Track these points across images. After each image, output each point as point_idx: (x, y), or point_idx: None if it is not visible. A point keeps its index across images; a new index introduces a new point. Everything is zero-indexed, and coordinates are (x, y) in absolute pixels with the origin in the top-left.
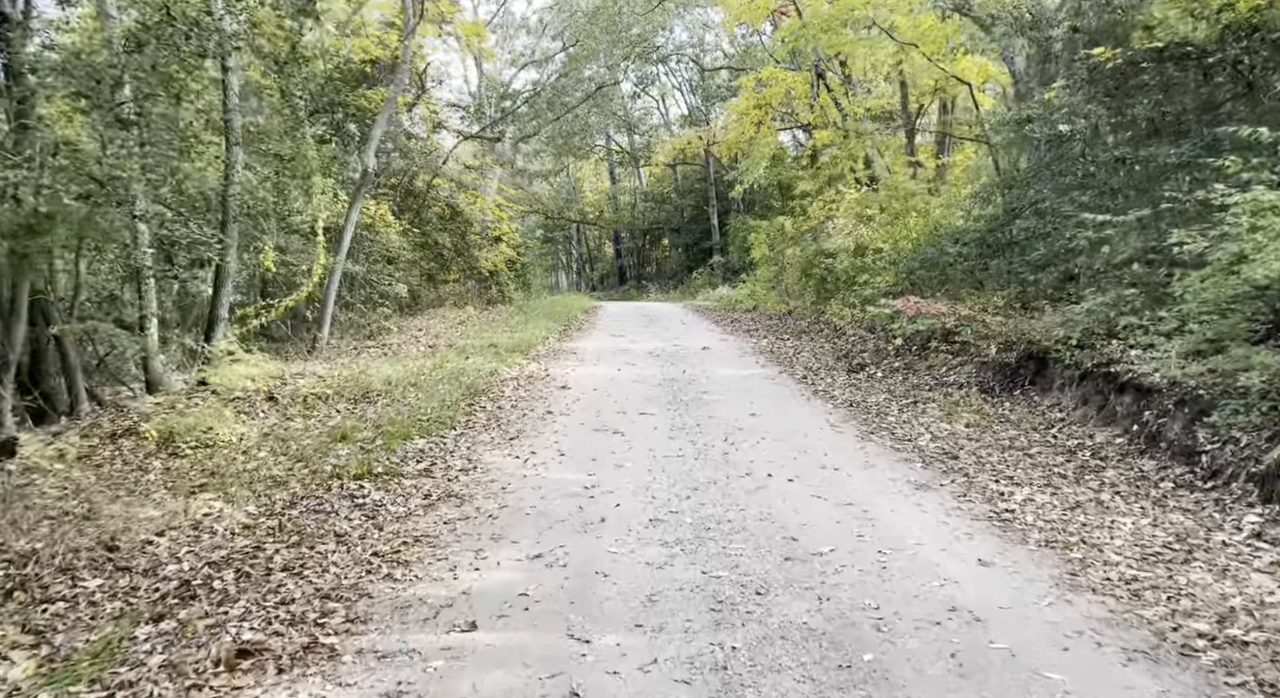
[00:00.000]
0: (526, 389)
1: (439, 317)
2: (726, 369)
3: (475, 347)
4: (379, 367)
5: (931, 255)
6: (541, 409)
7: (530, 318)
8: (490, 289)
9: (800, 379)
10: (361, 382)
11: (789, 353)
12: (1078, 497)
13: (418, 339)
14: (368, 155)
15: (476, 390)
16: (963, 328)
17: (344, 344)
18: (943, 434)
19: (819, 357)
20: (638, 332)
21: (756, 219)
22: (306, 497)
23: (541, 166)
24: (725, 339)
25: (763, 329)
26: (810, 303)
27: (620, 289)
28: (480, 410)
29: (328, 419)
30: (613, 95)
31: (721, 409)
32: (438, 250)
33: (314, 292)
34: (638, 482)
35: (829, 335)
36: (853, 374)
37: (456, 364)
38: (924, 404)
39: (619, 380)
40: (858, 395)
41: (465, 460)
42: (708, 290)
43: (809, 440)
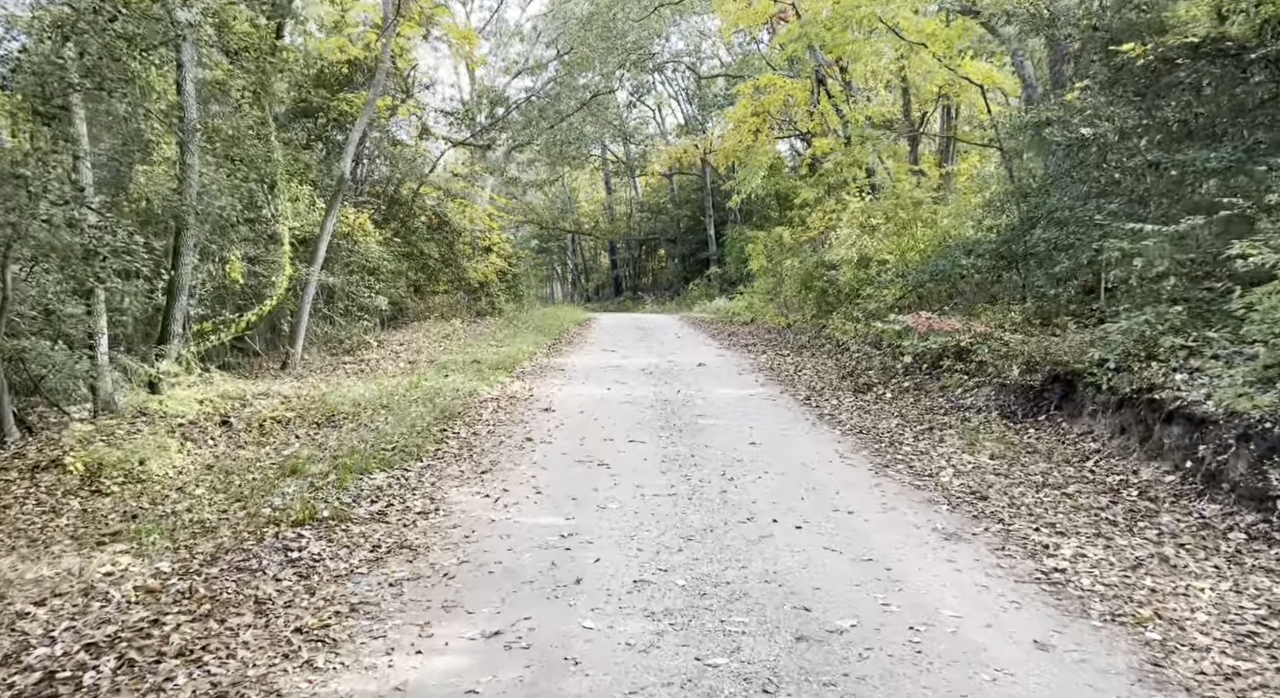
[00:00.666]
0: (507, 412)
1: (424, 330)
2: (724, 388)
3: (457, 363)
4: (351, 385)
5: (943, 267)
6: (521, 436)
7: (519, 331)
8: (480, 301)
9: (803, 401)
10: (329, 403)
11: (790, 370)
12: (1136, 551)
13: (398, 355)
14: (344, 161)
15: (451, 414)
16: (979, 346)
17: (320, 360)
18: (966, 468)
19: (822, 375)
20: (631, 346)
21: (754, 230)
22: (234, 549)
23: (536, 176)
24: (722, 354)
25: (761, 343)
26: (810, 316)
27: (616, 300)
28: (453, 437)
29: (283, 447)
30: (608, 104)
31: (718, 436)
32: (424, 261)
33: (279, 305)
34: (622, 528)
35: (831, 351)
36: (859, 395)
37: (434, 383)
38: (941, 431)
39: (608, 401)
40: (867, 420)
41: (427, 500)
42: (704, 302)
43: (817, 475)
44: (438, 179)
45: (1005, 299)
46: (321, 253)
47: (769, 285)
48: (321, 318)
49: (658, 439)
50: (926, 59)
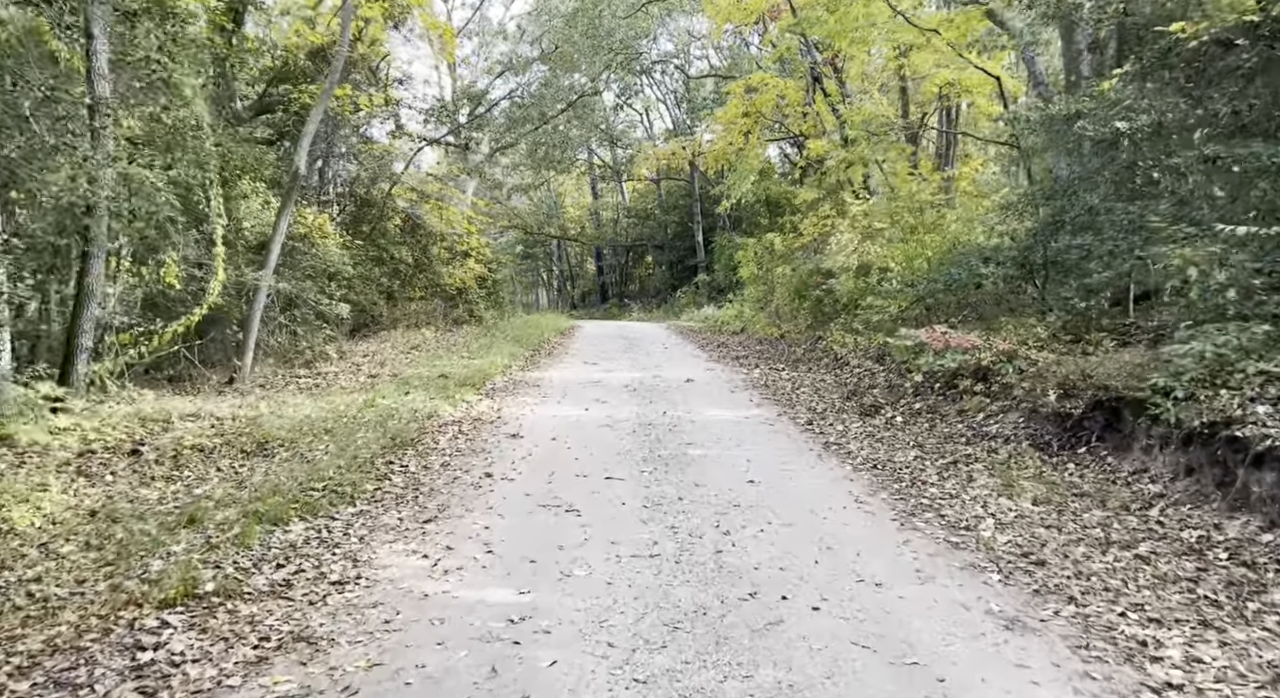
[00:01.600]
0: (468, 438)
1: (393, 340)
2: (715, 410)
3: (422, 378)
4: (298, 405)
5: (958, 276)
6: (479, 470)
7: (496, 341)
8: (457, 308)
9: (805, 425)
10: (265, 427)
11: (786, 387)
12: (1263, 650)
13: (359, 368)
14: (298, 156)
15: (403, 441)
16: (1002, 366)
17: (272, 374)
18: (1008, 517)
19: (822, 393)
20: (615, 358)
21: (743, 237)
22: (66, 648)
23: (521, 180)
24: (712, 368)
25: (753, 356)
26: (805, 327)
27: (602, 307)
28: (399, 472)
29: (196, 484)
30: (594, 106)
31: (710, 471)
32: (395, 266)
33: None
34: (590, 609)
35: (829, 366)
36: (867, 419)
37: (391, 402)
38: (967, 466)
39: (585, 425)
40: (880, 451)
41: (348, 563)
42: (692, 310)
43: (830, 527)
44: (413, 180)
45: (1023, 312)
46: (274, 256)
47: (759, 294)
48: (278, 327)
49: (640, 475)
50: (926, 58)
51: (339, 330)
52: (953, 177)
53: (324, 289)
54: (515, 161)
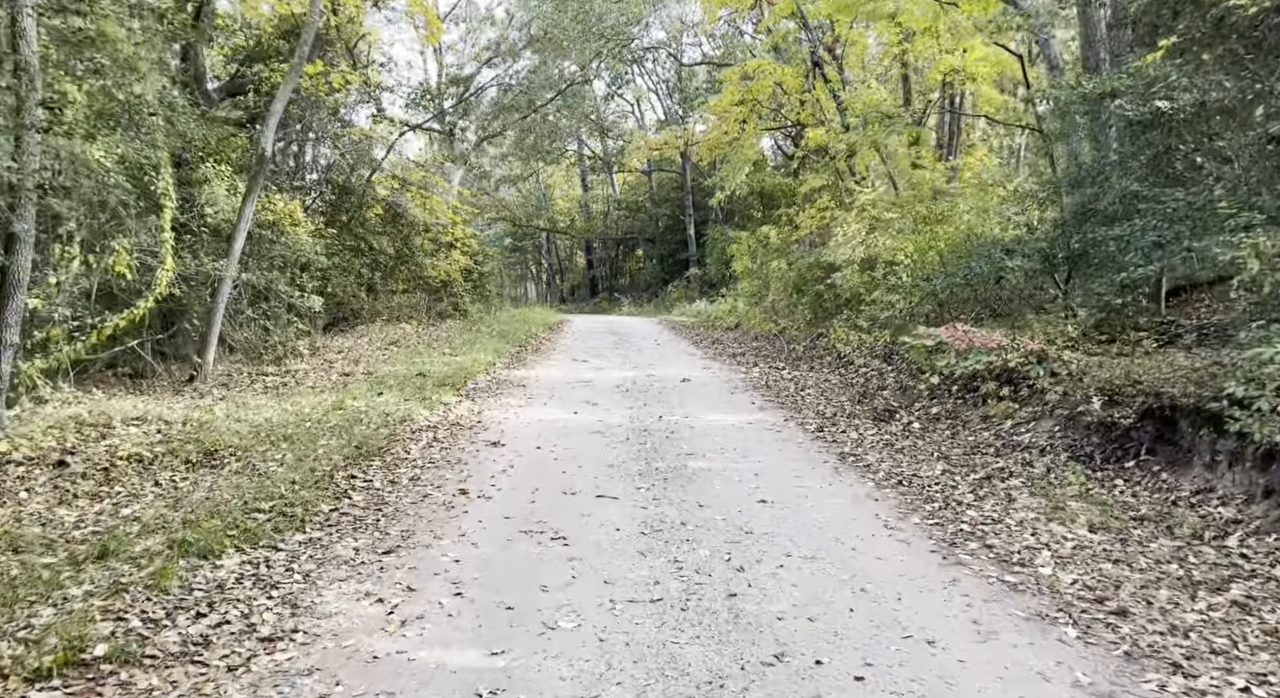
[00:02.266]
0: (443, 447)
1: (371, 334)
2: (716, 414)
3: (397, 377)
4: (260, 407)
5: (979, 270)
6: (453, 486)
7: (480, 336)
8: (441, 302)
9: (816, 432)
10: (217, 433)
11: (790, 388)
12: None
13: (331, 365)
14: (265, 137)
15: (370, 450)
16: (1030, 367)
17: (236, 372)
18: (1065, 548)
19: (829, 396)
20: (606, 355)
21: (736, 230)
22: None
23: (509, 171)
24: (709, 367)
25: (751, 353)
26: (805, 323)
27: (592, 301)
28: (360, 489)
29: (126, 504)
30: (584, 95)
31: (715, 488)
32: (374, 257)
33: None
34: (580, 677)
35: (833, 364)
36: (881, 425)
37: (362, 404)
38: (1003, 482)
39: (573, 431)
40: (902, 463)
41: (285, 611)
42: (684, 304)
43: (862, 560)
44: (396, 168)
45: (1043, 309)
46: (239, 245)
47: (754, 288)
48: (246, 321)
49: (636, 493)
50: (929, 45)
51: (313, 325)
52: (956, 167)
53: (295, 281)
54: (503, 152)
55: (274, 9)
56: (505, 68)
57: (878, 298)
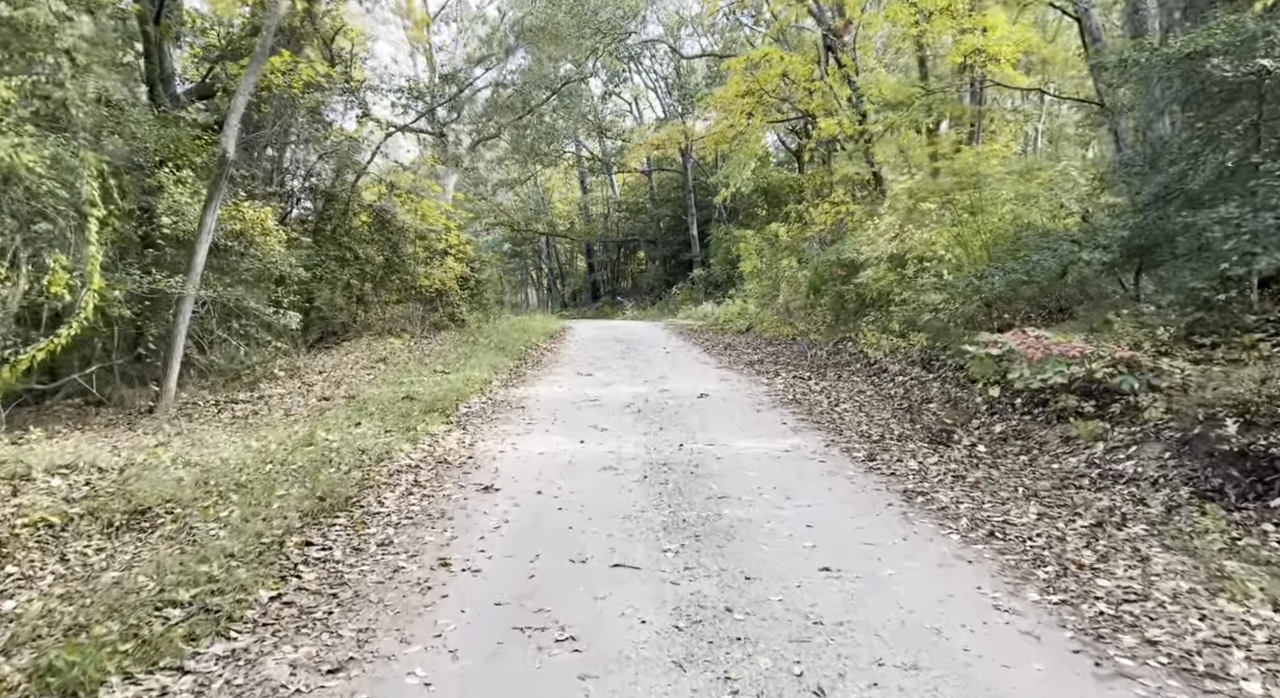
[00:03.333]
0: (425, 495)
1: (358, 350)
2: (744, 439)
3: (381, 402)
4: (218, 444)
5: (1045, 265)
6: (432, 554)
7: (478, 349)
8: (437, 312)
9: (866, 461)
10: (154, 484)
11: (822, 403)
12: None
13: (309, 389)
14: (226, 136)
15: (335, 503)
16: (1120, 378)
17: (204, 399)
18: (1258, 643)
19: (869, 411)
20: (612, 366)
21: (741, 228)
22: None
23: (507, 175)
24: (726, 378)
25: (769, 360)
26: (824, 326)
27: (594, 306)
28: (315, 562)
29: (12, 592)
30: (580, 94)
31: (761, 549)
32: (361, 267)
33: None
34: None
35: (864, 372)
36: (941, 449)
37: (337, 438)
38: (1118, 528)
39: (580, 468)
40: (983, 502)
41: None
42: (689, 307)
43: (984, 674)
44: (384, 172)
45: (1108, 306)
46: (200, 258)
47: (763, 289)
48: (215, 342)
49: (662, 558)
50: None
51: (293, 343)
52: (981, 154)
53: (270, 296)
54: (500, 155)
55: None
56: (499, 67)
57: (910, 298)
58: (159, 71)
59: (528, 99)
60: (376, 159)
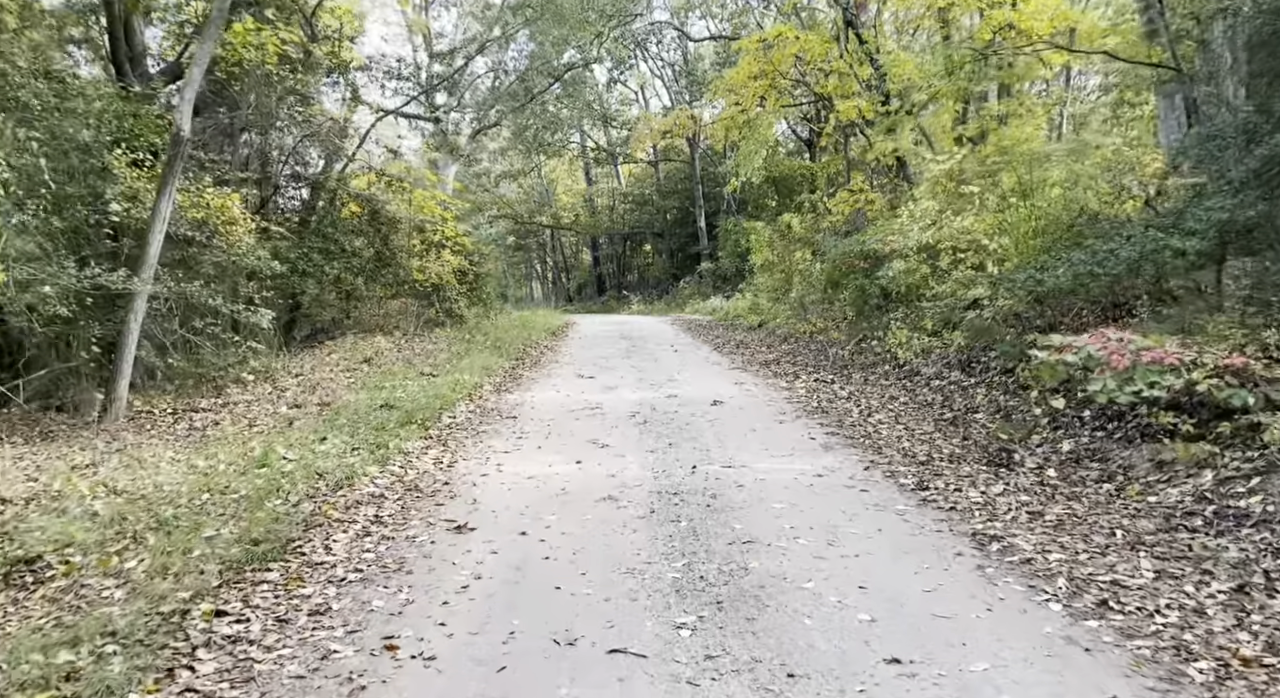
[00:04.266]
0: (384, 537)
1: (343, 349)
2: (768, 459)
3: (356, 411)
4: (159, 463)
5: (1126, 255)
6: (376, 629)
7: (472, 348)
8: (432, 308)
9: (918, 491)
10: (61, 523)
11: (853, 413)
12: None
13: (282, 394)
14: (180, 112)
15: (271, 548)
16: (1232, 392)
17: (161, 408)
18: None
19: (908, 423)
20: (616, 367)
21: (750, 220)
22: None
23: (510, 166)
24: (741, 381)
25: (786, 360)
26: (844, 322)
27: (599, 300)
28: (219, 645)
29: None
30: (585, 81)
31: (803, 623)
32: (347, 260)
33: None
34: None
35: (894, 375)
36: (1001, 471)
37: (295, 457)
38: (1270, 595)
39: (574, 499)
40: (1077, 551)
41: None
42: (697, 301)
43: None
44: (376, 159)
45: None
46: (153, 250)
47: (775, 282)
48: (179, 343)
49: (674, 641)
50: None
51: (270, 343)
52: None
53: (241, 292)
54: (502, 146)
55: None
56: (500, 52)
57: (943, 292)
58: (127, 49)
59: (530, 86)
60: (370, 147)
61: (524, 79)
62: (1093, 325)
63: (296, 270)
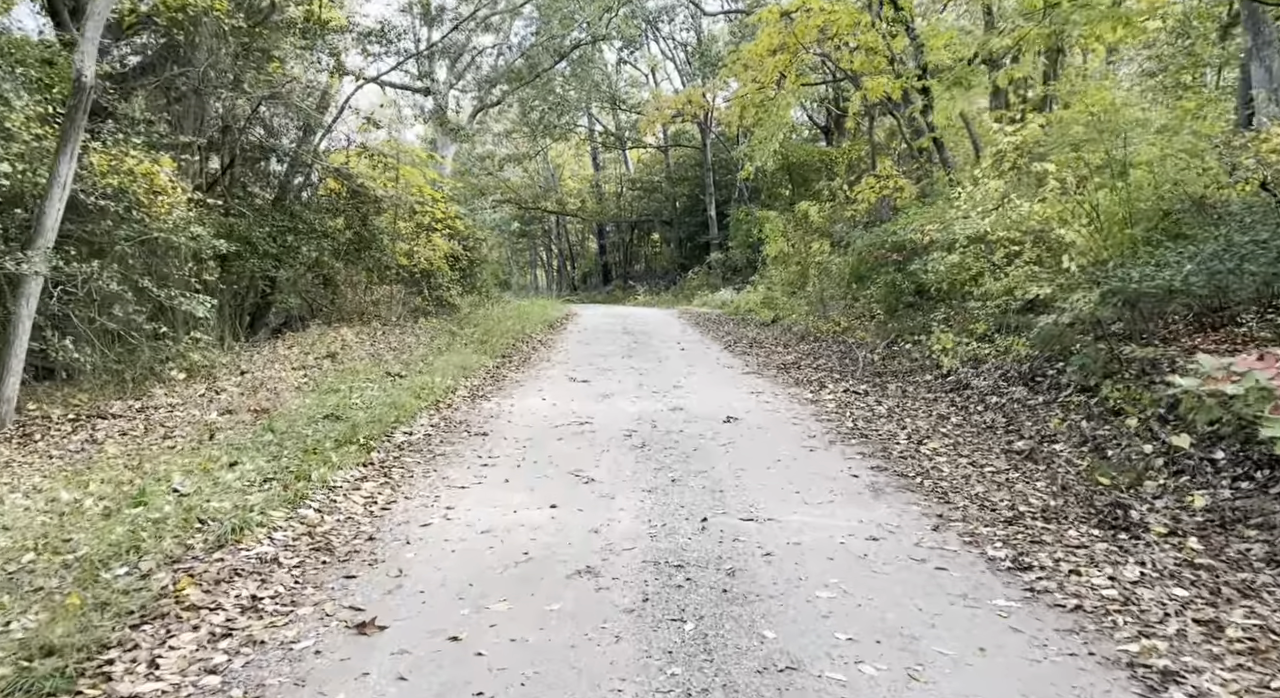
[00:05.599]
0: (247, 640)
1: (307, 342)
2: (802, 508)
3: (294, 422)
4: (2, 498)
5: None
6: None
7: (455, 342)
8: (420, 295)
9: (1017, 571)
10: None
11: (900, 438)
12: None
13: (217, 397)
14: (81, 53)
15: (52, 676)
16: None
17: (62, 412)
18: None
19: (970, 452)
20: (614, 367)
21: (763, 209)
22: None
23: (515, 149)
24: (758, 389)
25: (807, 363)
26: (874, 321)
27: (604, 290)
28: None
29: None
30: (593, 60)
31: None
32: (318, 241)
33: None
34: None
35: (939, 387)
36: (1123, 538)
37: (193, 490)
38: None
39: (539, 570)
40: None
41: None
42: (706, 293)
43: None
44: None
45: None
46: (51, 221)
47: (790, 276)
48: (97, 333)
49: None
50: None
51: (230, 334)
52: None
53: (168, 275)
54: (507, 128)
55: None
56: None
57: (993, 290)
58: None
59: (536, 63)
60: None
61: (529, 56)
62: (1184, 335)
63: (258, 252)
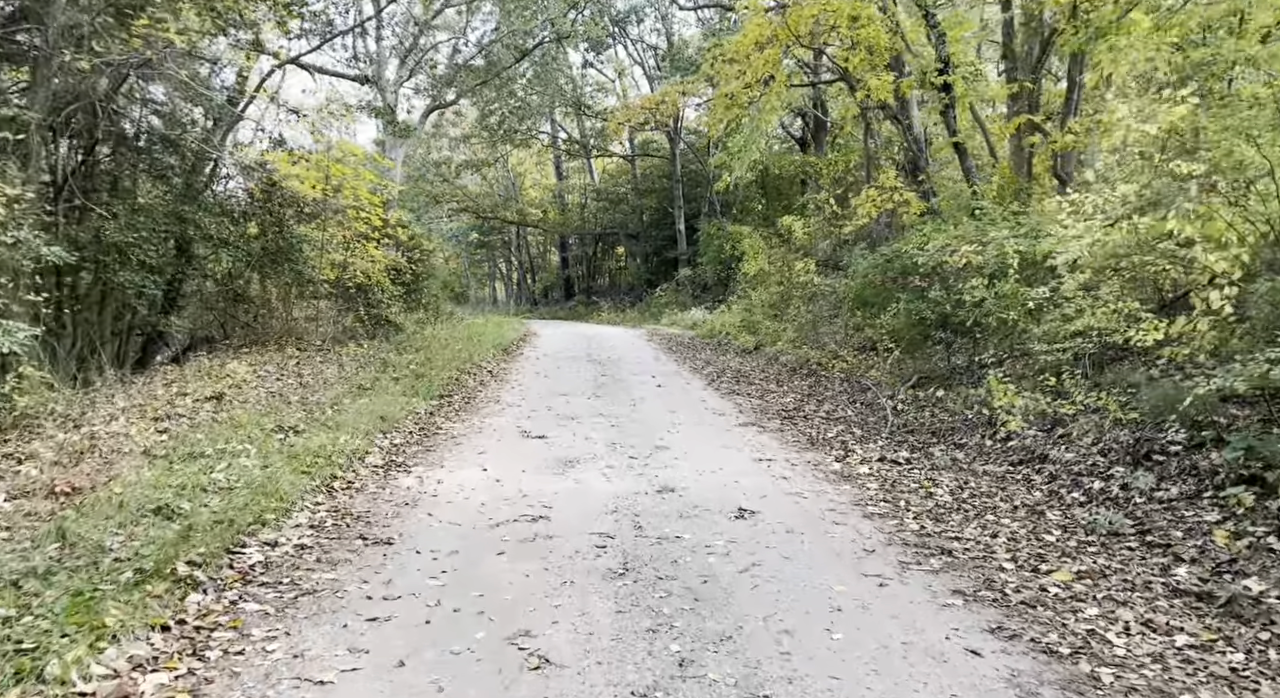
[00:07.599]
0: None
1: (190, 378)
2: None
3: (103, 519)
4: None
5: None
6: None
7: (383, 376)
8: (355, 313)
9: None
10: None
11: (1000, 555)
12: None
13: (19, 467)
14: None
15: None
16: None
17: None
18: None
19: (1128, 597)
20: (579, 413)
21: (735, 224)
22: None
23: (472, 155)
24: (767, 452)
25: (816, 412)
26: (890, 354)
27: (567, 305)
28: None
29: None
30: (557, 59)
31: None
32: (214, 248)
33: None
34: None
35: (1001, 454)
36: None
37: None
38: None
39: None
40: None
41: None
42: (674, 312)
43: None
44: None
45: None
46: None
47: (770, 297)
48: None
49: None
50: None
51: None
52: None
53: None
54: (465, 132)
55: None
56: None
57: (1054, 330)
58: None
59: (495, 61)
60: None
61: (488, 53)
62: None
63: (131, 262)
